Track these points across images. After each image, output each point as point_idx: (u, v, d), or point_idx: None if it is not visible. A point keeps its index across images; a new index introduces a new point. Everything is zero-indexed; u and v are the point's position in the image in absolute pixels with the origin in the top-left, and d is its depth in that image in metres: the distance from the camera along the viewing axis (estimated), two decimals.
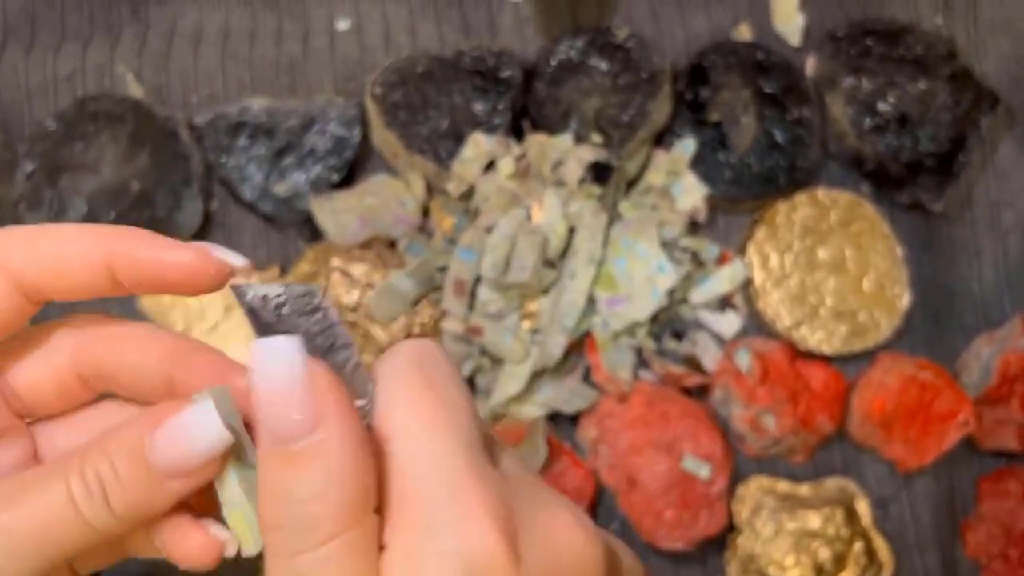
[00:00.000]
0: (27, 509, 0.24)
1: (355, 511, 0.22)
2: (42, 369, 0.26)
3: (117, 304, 0.53)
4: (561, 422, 0.53)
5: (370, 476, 0.22)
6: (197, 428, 0.24)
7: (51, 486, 0.24)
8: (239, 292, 0.23)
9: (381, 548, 0.23)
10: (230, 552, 0.28)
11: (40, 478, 0.25)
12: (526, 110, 0.54)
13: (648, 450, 0.51)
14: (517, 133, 0.54)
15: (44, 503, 0.24)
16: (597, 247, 0.51)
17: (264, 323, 0.23)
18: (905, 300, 0.54)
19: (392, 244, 0.54)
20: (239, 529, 0.25)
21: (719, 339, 0.54)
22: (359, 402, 0.24)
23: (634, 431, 0.51)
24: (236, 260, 0.26)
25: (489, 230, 0.52)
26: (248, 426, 0.24)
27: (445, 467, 0.23)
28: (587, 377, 0.53)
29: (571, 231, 0.52)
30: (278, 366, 0.21)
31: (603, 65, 0.54)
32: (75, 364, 0.26)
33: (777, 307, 0.54)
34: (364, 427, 0.23)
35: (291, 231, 0.55)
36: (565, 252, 0.52)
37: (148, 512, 0.25)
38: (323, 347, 0.24)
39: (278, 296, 0.23)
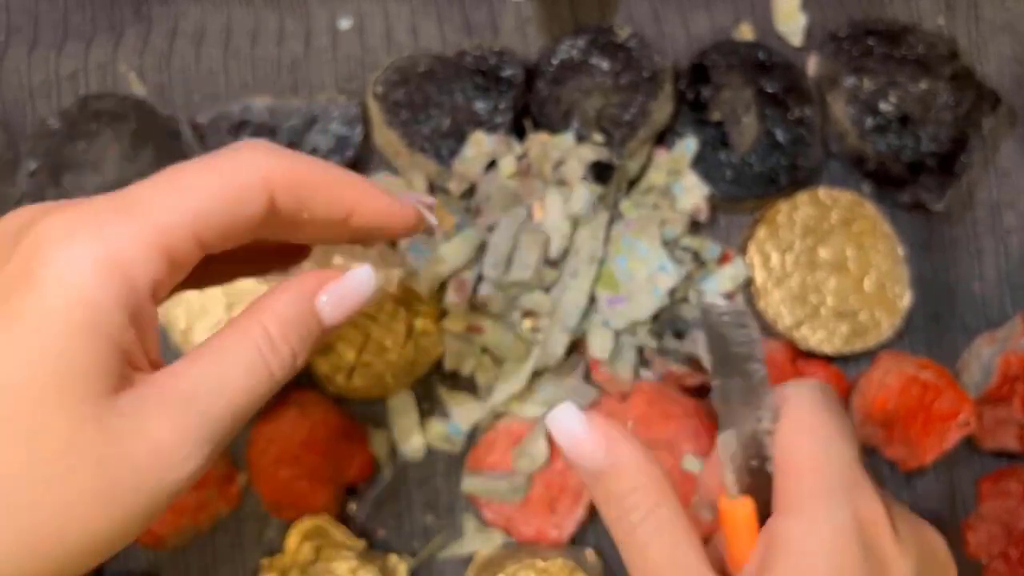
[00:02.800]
0: (221, 367, 0.29)
1: (659, 493, 0.31)
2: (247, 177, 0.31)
3: None
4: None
5: (656, 468, 0.32)
6: (360, 287, 0.32)
7: (242, 344, 0.30)
8: (701, 300, 0.34)
9: (769, 515, 0.31)
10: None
11: (230, 339, 0.30)
12: (527, 109, 0.55)
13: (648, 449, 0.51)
14: (518, 132, 0.54)
15: (236, 358, 0.29)
16: (599, 246, 0.51)
17: (711, 326, 0.32)
18: (906, 300, 0.54)
19: (393, 243, 0.54)
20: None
21: None
22: (762, 412, 0.32)
23: (634, 430, 0.51)
24: (432, 220, 0.37)
25: (490, 229, 0.52)
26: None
27: (841, 457, 0.30)
28: (587, 376, 0.53)
29: (572, 229, 0.52)
30: (569, 426, 0.32)
31: (604, 64, 0.54)
32: (284, 182, 0.31)
33: (778, 306, 0.54)
34: (757, 436, 0.31)
35: None
36: (567, 251, 0.52)
37: (303, 353, 0.31)
38: (742, 355, 0.32)
39: (724, 309, 0.32)
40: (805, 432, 0.31)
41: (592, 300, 0.52)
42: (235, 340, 0.29)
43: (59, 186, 0.53)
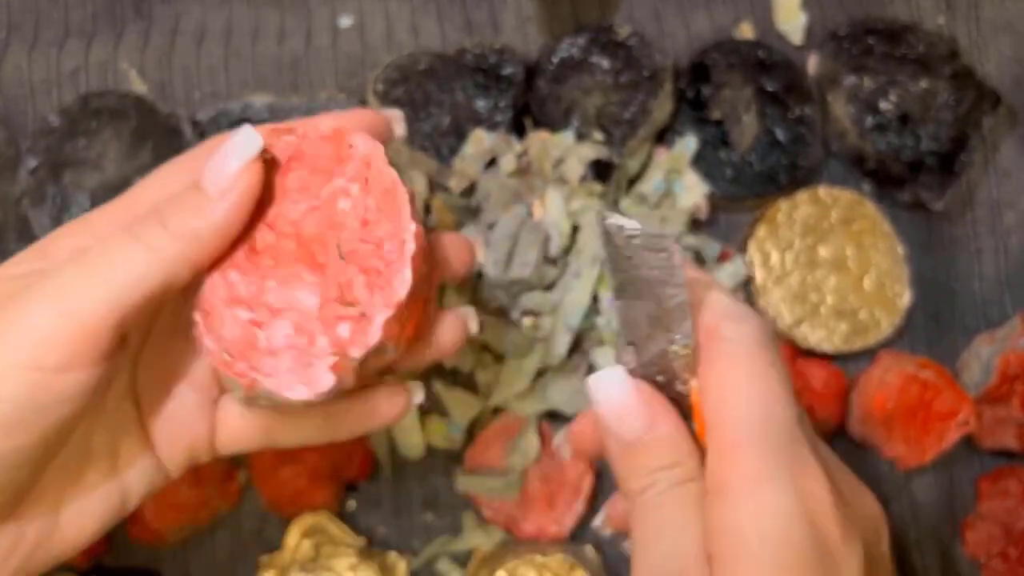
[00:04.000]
0: (93, 251, 0.29)
1: (691, 466, 0.29)
2: None
3: None
4: (561, 415, 0.53)
5: (687, 435, 0.30)
6: (242, 147, 0.30)
7: (114, 231, 0.30)
8: (601, 217, 0.29)
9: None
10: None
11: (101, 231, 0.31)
12: (528, 107, 0.55)
13: None
14: (519, 130, 0.54)
15: (109, 240, 0.29)
16: (601, 246, 0.52)
17: (614, 246, 0.29)
18: (906, 299, 0.54)
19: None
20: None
21: None
22: (675, 335, 0.29)
23: None
24: (400, 129, 0.36)
25: (491, 227, 0.52)
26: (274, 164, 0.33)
27: (783, 425, 0.28)
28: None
29: (574, 229, 0.52)
30: (613, 391, 0.30)
31: (605, 63, 0.54)
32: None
33: (778, 305, 0.54)
34: (679, 366, 0.30)
35: None
36: (568, 250, 0.52)
37: (202, 230, 0.30)
38: (657, 280, 0.29)
39: (635, 230, 0.28)
40: (742, 390, 0.28)
41: (594, 300, 0.52)
42: (105, 229, 0.31)
43: (59, 184, 0.53)
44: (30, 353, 0.27)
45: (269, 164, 0.32)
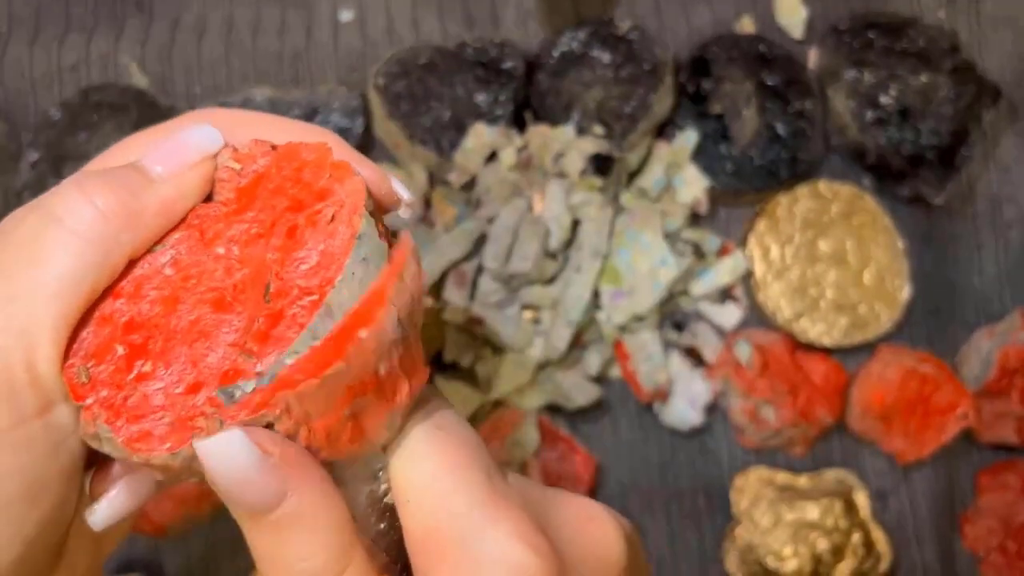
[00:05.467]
0: (9, 244, 0.24)
1: (343, 556, 0.23)
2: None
3: None
4: (560, 408, 0.54)
5: (344, 518, 0.23)
6: (196, 138, 0.26)
7: (37, 215, 0.24)
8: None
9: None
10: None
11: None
12: (528, 101, 0.55)
13: None
14: (519, 124, 0.54)
15: (24, 227, 0.24)
16: (603, 241, 0.52)
17: None
18: (905, 293, 0.54)
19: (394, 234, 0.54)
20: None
21: (719, 331, 0.54)
22: (377, 471, 0.25)
23: None
24: (405, 194, 0.28)
25: (491, 221, 0.52)
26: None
27: (473, 508, 0.24)
28: (600, 379, 0.53)
29: (575, 223, 0.52)
30: (230, 460, 0.22)
31: (605, 57, 0.54)
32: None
33: (778, 299, 0.54)
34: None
35: None
36: (569, 244, 0.52)
37: (140, 208, 0.25)
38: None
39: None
40: (422, 485, 0.24)
41: (595, 294, 0.52)
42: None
43: (60, 177, 0.53)
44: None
45: (230, 174, 0.27)
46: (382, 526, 0.25)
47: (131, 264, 0.26)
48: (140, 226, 0.25)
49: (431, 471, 0.24)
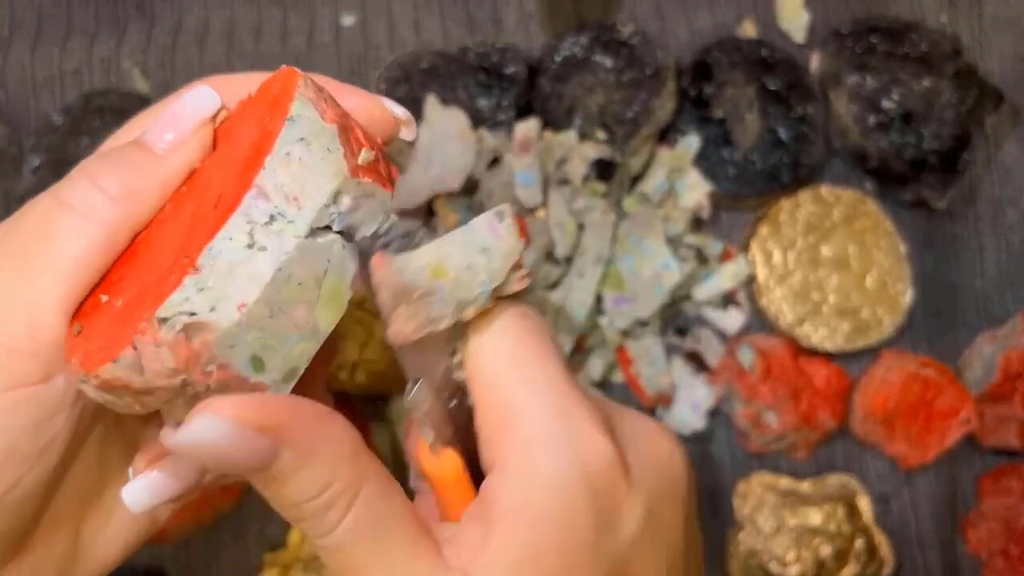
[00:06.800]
0: (22, 228, 0.25)
1: (350, 487, 0.24)
2: None
3: None
4: None
5: (347, 446, 0.24)
6: (194, 101, 0.26)
7: (49, 201, 0.25)
8: (356, 241, 0.25)
9: (483, 473, 0.25)
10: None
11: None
12: (530, 106, 0.55)
13: None
14: None
15: (36, 213, 0.25)
16: (605, 247, 0.52)
17: (367, 264, 0.25)
18: (908, 297, 0.54)
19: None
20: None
21: (722, 336, 0.54)
22: (452, 346, 0.25)
23: None
24: (400, 111, 0.29)
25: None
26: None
27: (551, 387, 0.25)
28: (603, 384, 0.53)
29: (579, 228, 0.52)
30: (210, 442, 0.22)
31: (607, 61, 0.54)
32: None
33: (780, 304, 0.54)
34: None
35: None
36: (572, 249, 0.52)
37: (144, 187, 0.26)
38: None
39: (387, 234, 0.25)
40: (503, 360, 0.25)
41: (597, 299, 0.52)
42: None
43: None
44: None
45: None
46: (453, 403, 0.26)
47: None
48: (146, 201, 0.26)
49: (513, 351, 0.25)
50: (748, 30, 0.57)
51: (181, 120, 0.27)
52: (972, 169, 0.55)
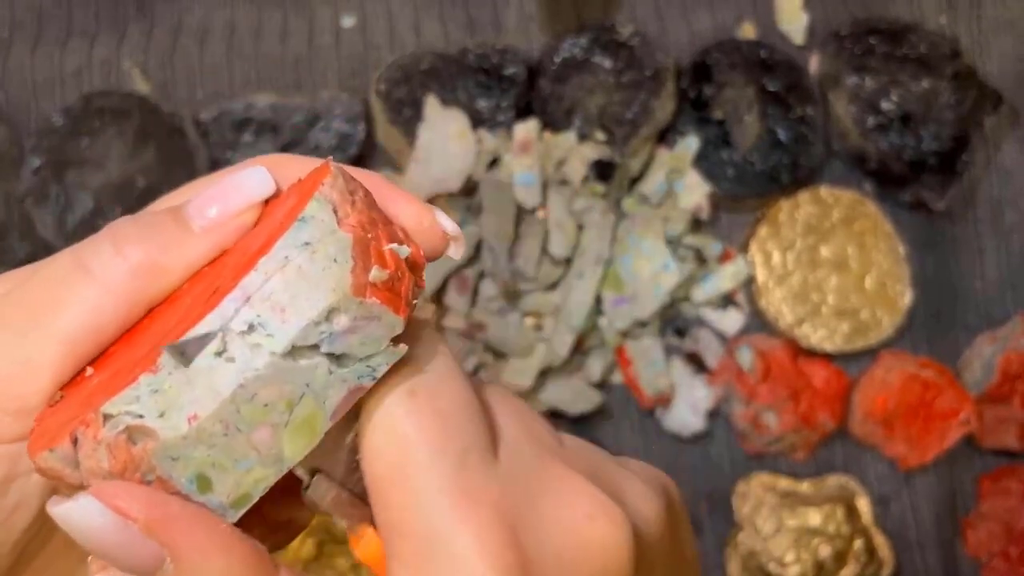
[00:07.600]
0: (36, 283, 0.24)
1: None
2: None
3: None
4: (562, 414, 0.54)
5: (252, 558, 0.22)
6: (248, 181, 0.24)
7: (69, 258, 0.24)
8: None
9: None
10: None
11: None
12: (530, 107, 0.55)
13: None
14: None
15: (54, 269, 0.24)
16: (605, 247, 0.52)
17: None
18: (907, 298, 0.54)
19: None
20: None
21: (721, 336, 0.54)
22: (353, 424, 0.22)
23: None
24: (450, 226, 0.25)
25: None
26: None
27: (433, 506, 0.21)
28: (602, 385, 0.53)
29: (578, 229, 0.52)
30: (86, 527, 0.20)
31: (607, 62, 0.54)
32: None
33: (779, 305, 0.54)
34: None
35: None
36: (572, 250, 0.52)
37: (169, 264, 0.24)
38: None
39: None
40: (385, 470, 0.22)
41: (597, 300, 0.52)
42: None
43: (62, 183, 0.53)
44: None
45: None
46: (363, 482, 0.23)
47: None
48: (168, 277, 0.24)
49: (397, 451, 0.21)
50: (747, 31, 0.57)
51: (227, 199, 0.24)
52: (971, 170, 0.55)
